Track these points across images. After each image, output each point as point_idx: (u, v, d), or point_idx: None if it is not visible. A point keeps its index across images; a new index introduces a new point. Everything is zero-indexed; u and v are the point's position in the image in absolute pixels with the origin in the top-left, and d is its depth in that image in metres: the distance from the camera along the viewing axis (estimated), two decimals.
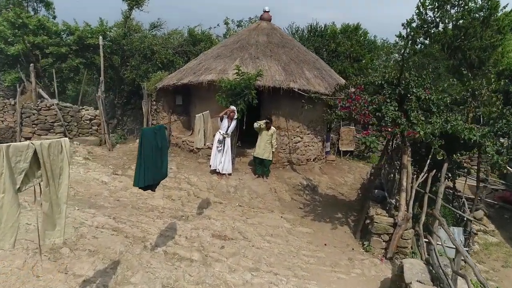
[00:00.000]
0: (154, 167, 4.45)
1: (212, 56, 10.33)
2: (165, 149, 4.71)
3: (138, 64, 13.83)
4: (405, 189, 6.30)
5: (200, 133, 5.90)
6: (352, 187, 10.62)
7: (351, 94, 6.37)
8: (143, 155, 4.26)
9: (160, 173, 4.63)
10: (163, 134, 4.63)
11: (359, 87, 6.42)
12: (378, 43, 18.87)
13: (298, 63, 10.02)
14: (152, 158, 4.39)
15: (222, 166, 8.78)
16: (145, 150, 4.28)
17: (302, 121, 10.12)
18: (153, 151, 4.40)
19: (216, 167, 8.76)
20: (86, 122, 11.04)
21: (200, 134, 5.90)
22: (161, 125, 4.65)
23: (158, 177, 4.62)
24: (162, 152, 4.63)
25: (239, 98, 8.38)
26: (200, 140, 5.94)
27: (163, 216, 6.69)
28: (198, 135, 5.87)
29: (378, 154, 14.77)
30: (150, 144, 4.34)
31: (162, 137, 4.60)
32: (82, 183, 7.58)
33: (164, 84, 10.60)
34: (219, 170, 8.79)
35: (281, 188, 9.10)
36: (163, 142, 4.64)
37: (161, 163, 4.63)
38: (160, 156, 4.59)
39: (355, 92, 6.32)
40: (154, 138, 4.41)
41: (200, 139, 5.94)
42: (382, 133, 5.61)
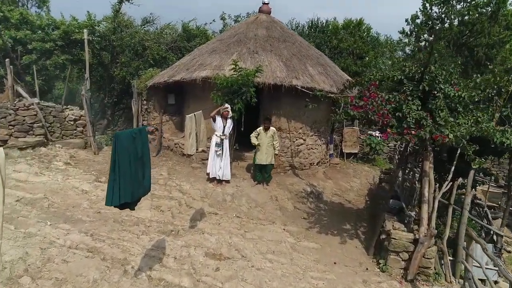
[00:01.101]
0: (134, 180, 3.60)
1: (207, 51, 9.49)
2: (147, 157, 3.86)
3: (128, 61, 12.96)
4: (427, 200, 5.49)
5: (191, 137, 5.03)
6: (358, 193, 9.81)
7: (364, 91, 5.54)
8: (118, 166, 3.41)
9: (141, 188, 3.78)
10: (144, 138, 3.78)
11: (373, 84, 5.59)
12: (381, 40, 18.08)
13: (300, 59, 9.19)
14: (131, 169, 3.54)
15: (222, 172, 7.95)
16: (121, 159, 3.43)
17: (305, 121, 9.30)
18: (132, 161, 3.55)
19: (216, 174, 7.92)
20: (70, 123, 10.14)
21: (191, 138, 5.03)
22: (141, 127, 3.80)
23: (139, 193, 3.77)
24: (143, 161, 3.78)
25: (237, 96, 7.54)
26: (192, 145, 5.05)
27: (149, 232, 5.84)
28: (189, 140, 4.99)
29: (383, 156, 14.04)
30: (127, 152, 3.49)
31: (143, 142, 3.75)
32: (58, 192, 6.70)
33: (155, 82, 9.74)
34: (219, 176, 7.95)
35: (282, 196, 8.27)
36: (145, 148, 3.79)
37: (142, 175, 3.78)
38: (141, 166, 3.74)
39: (369, 89, 5.49)
40: (132, 144, 3.56)
41: (192, 144, 5.05)
42: (404, 137, 4.78)
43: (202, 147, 5.59)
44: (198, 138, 5.30)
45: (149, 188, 3.95)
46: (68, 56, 12.75)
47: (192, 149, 5.05)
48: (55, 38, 12.52)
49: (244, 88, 7.46)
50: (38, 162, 8.00)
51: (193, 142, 5.08)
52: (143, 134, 3.76)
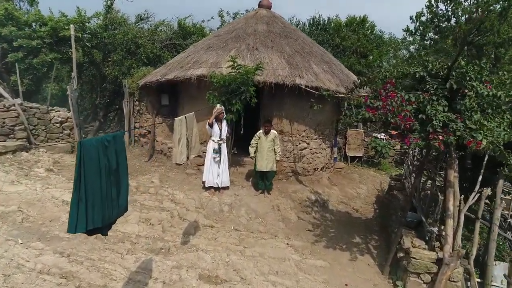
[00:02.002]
0: (105, 200, 2.90)
1: (202, 48, 8.80)
2: (124, 170, 3.16)
3: (120, 60, 12.23)
4: (452, 215, 4.81)
5: (181, 143, 4.31)
6: (366, 200, 9.12)
7: (380, 90, 4.85)
8: (85, 183, 2.71)
9: (115, 208, 3.07)
10: (120, 146, 3.08)
11: (389, 81, 4.90)
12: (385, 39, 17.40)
13: (304, 56, 8.51)
14: (101, 186, 2.84)
15: (221, 179, 7.26)
16: (89, 174, 2.73)
17: (309, 124, 8.62)
18: (103, 175, 2.85)
19: (213, 182, 7.22)
20: (56, 125, 9.45)
21: (181, 145, 4.31)
22: (116, 133, 3.09)
23: (112, 215, 3.06)
24: (119, 175, 3.08)
25: (235, 96, 6.86)
26: (181, 153, 4.33)
27: (135, 250, 5.14)
28: (178, 146, 4.27)
29: (389, 160, 13.35)
30: (97, 165, 2.79)
31: (118, 152, 3.05)
32: (35, 204, 5.98)
33: (146, 81, 9.04)
34: (217, 184, 7.26)
35: (285, 205, 7.57)
36: (120, 159, 3.09)
37: (117, 193, 3.08)
38: (116, 181, 3.04)
39: (386, 88, 4.80)
40: (104, 154, 2.86)
41: (181, 151, 4.33)
42: (430, 142, 4.10)
43: (194, 154, 4.87)
44: (190, 144, 4.59)
45: (125, 207, 3.25)
46: (57, 55, 12.01)
47: (181, 158, 4.33)
48: (42, 35, 11.78)
49: (243, 87, 6.78)
50: (16, 169, 7.29)
51: (183, 149, 4.37)
52: (118, 142, 3.06)
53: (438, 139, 4.04)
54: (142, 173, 8.20)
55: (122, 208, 3.19)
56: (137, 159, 9.29)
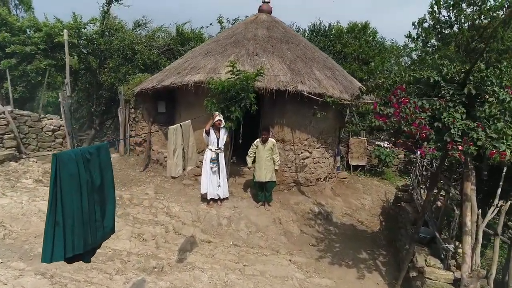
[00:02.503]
0: (88, 222, 2.52)
1: (200, 53, 8.48)
2: (110, 186, 2.78)
3: (117, 66, 11.91)
4: (470, 231, 4.42)
5: (176, 155, 3.93)
6: (371, 212, 8.73)
7: (390, 96, 4.50)
8: (62, 203, 2.34)
9: (99, 231, 2.69)
10: (105, 159, 2.71)
11: (400, 87, 4.56)
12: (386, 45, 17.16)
13: (306, 61, 8.20)
14: (82, 206, 2.46)
15: (222, 190, 6.91)
16: (66, 193, 2.36)
17: (311, 132, 8.26)
18: (85, 194, 2.47)
19: (215, 194, 6.86)
20: (48, 133, 9.09)
21: (176, 156, 3.93)
22: (100, 144, 2.73)
23: (96, 239, 2.67)
24: (103, 192, 2.71)
25: (234, 103, 6.51)
26: (177, 165, 3.94)
27: (126, 269, 4.73)
28: (174, 158, 3.89)
29: (392, 169, 12.96)
30: (76, 181, 2.42)
31: (102, 166, 2.68)
32: (19, 218, 5.58)
33: (142, 88, 8.70)
34: (219, 196, 6.89)
35: (287, 218, 7.18)
36: (106, 173, 2.72)
37: (102, 213, 2.69)
38: (100, 200, 2.66)
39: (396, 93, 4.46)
40: (85, 168, 2.49)
41: (177, 163, 3.95)
42: (448, 153, 3.74)
43: (191, 166, 4.50)
44: (186, 155, 4.22)
45: (111, 229, 2.86)
46: (52, 61, 11.70)
47: (177, 170, 3.95)
48: (37, 41, 11.48)
49: (243, 94, 6.44)
50: (3, 180, 6.90)
51: (178, 161, 3.99)
52: (103, 154, 2.69)
53: (458, 149, 3.68)
54: (137, 184, 7.81)
55: (107, 230, 2.80)
56: (132, 168, 8.91)
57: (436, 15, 16.43)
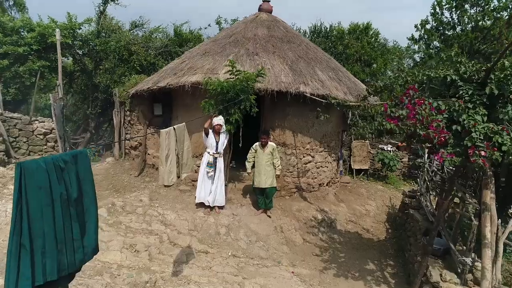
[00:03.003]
0: (62, 242, 2.15)
1: (198, 53, 8.14)
2: (91, 199, 2.42)
3: (112, 67, 11.57)
4: (490, 243, 4.06)
5: (169, 161, 3.56)
6: (376, 218, 8.36)
7: (402, 97, 4.15)
8: (28, 221, 1.98)
9: (79, 252, 2.31)
10: (84, 168, 2.35)
11: (411, 87, 4.21)
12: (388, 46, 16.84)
13: (308, 62, 7.86)
14: (55, 224, 2.10)
15: (213, 197, 6.52)
16: (34, 209, 2.00)
17: (314, 135, 7.91)
18: (58, 209, 2.11)
19: (205, 200, 6.49)
20: (39, 137, 8.73)
21: (169, 163, 3.56)
22: (77, 150, 2.36)
23: (74, 262, 2.29)
24: (83, 206, 2.35)
25: (233, 105, 6.16)
26: (170, 172, 3.56)
27: (116, 285, 4.35)
28: (166, 165, 3.51)
29: (396, 173, 12.60)
30: (47, 195, 2.06)
31: (82, 175, 2.33)
32: (2, 228, 5.21)
33: (137, 89, 8.35)
34: (209, 202, 6.51)
35: (289, 226, 6.82)
36: (86, 184, 2.37)
37: (80, 231, 2.33)
38: (78, 215, 2.30)
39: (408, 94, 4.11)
40: (59, 179, 2.13)
41: (170, 170, 3.56)
42: (470, 159, 3.38)
43: (186, 173, 4.13)
44: (180, 161, 3.85)
45: (94, 249, 2.49)
46: (45, 62, 11.36)
47: (170, 178, 3.58)
48: (30, 41, 11.15)
49: (243, 95, 6.09)
50: None
51: (172, 168, 3.62)
52: (81, 162, 2.32)
53: (480, 155, 3.32)
54: (131, 190, 7.43)
55: (89, 250, 2.44)
56: (127, 173, 8.53)
57: (439, 17, 16.15)
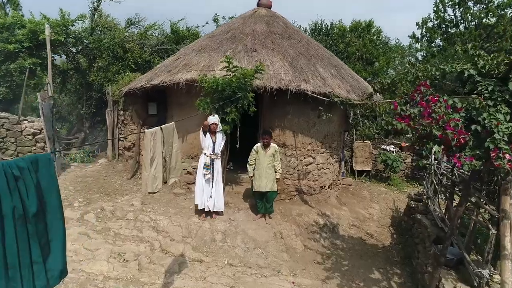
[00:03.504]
0: (15, 266, 1.78)
1: (194, 50, 7.78)
2: (56, 213, 2.05)
3: (106, 65, 11.19)
4: (510, 255, 3.69)
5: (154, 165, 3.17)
6: (380, 222, 7.99)
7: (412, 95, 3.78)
8: None
9: (41, 276, 1.94)
10: (46, 176, 1.98)
11: (423, 83, 3.84)
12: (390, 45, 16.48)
13: (309, 59, 7.50)
14: (6, 244, 1.73)
15: (213, 202, 6.15)
16: None
17: (315, 135, 7.54)
18: (9, 225, 1.75)
19: (205, 205, 6.12)
20: (28, 137, 8.35)
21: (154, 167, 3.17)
22: (37, 156, 1.98)
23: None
24: (46, 222, 1.97)
25: (230, 103, 5.79)
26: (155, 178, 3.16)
27: None
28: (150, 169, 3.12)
29: (399, 174, 12.23)
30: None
31: (44, 185, 1.95)
32: None
33: (130, 88, 7.98)
34: (210, 208, 6.14)
35: (289, 231, 6.45)
36: (49, 196, 1.99)
37: (42, 252, 1.95)
38: (39, 233, 1.93)
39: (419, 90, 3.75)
40: (12, 190, 1.76)
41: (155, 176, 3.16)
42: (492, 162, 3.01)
43: (175, 178, 3.74)
44: (168, 164, 3.47)
45: (62, 271, 2.11)
46: (37, 60, 10.96)
47: (155, 185, 3.19)
48: (21, 38, 10.75)
49: (240, 93, 5.72)
50: None
51: (157, 173, 3.24)
52: (43, 169, 1.95)
53: (504, 159, 2.95)
54: (122, 193, 7.05)
55: (55, 273, 2.05)
56: (119, 175, 8.15)
57: (441, 14, 15.81)
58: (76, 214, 5.75)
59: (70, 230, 5.26)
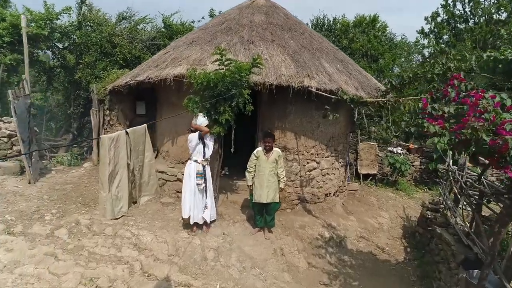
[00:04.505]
0: None
1: (184, 43, 7.02)
2: None
3: (94, 62, 10.42)
4: None
5: (116, 182, 2.39)
6: (391, 233, 7.25)
7: (445, 90, 3.04)
8: None
9: None
10: None
11: (457, 75, 3.10)
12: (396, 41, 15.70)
13: (313, 52, 6.75)
14: None
15: (209, 212, 5.40)
16: None
17: (319, 137, 6.79)
18: None
19: (199, 218, 5.37)
20: (3, 140, 7.60)
21: (115, 185, 2.39)
22: None
23: None
24: None
25: (223, 102, 5.04)
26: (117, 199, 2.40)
27: None
28: (110, 188, 2.35)
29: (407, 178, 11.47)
30: None
31: None
32: None
33: (115, 85, 7.22)
34: (206, 219, 5.40)
35: (291, 247, 5.69)
36: None
37: None
38: None
39: (452, 84, 3.01)
40: None
41: (118, 196, 2.40)
42: None
43: (148, 195, 2.97)
44: (138, 179, 2.70)
45: None
46: (18, 56, 10.20)
47: (118, 208, 2.40)
48: (1, 33, 10.00)
49: (235, 90, 4.96)
50: None
51: (121, 191, 2.43)
52: None
53: None
54: None
55: None
56: None
57: (450, 9, 15.09)
58: (45, 230, 4.98)
59: (35, 250, 4.51)
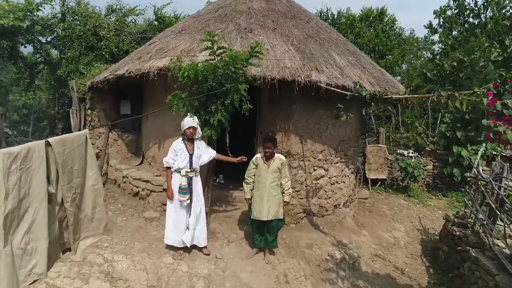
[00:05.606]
0: None
1: (173, 32, 6.12)
2: None
3: (78, 56, 9.53)
4: None
5: (19, 228, 1.42)
6: (409, 250, 6.35)
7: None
8: None
9: None
10: None
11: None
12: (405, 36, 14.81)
13: (321, 43, 5.85)
14: None
15: (191, 234, 4.44)
16: None
17: (328, 141, 5.89)
18: None
19: (178, 241, 4.43)
20: None
21: (18, 233, 1.46)
22: None
23: None
24: None
25: (215, 99, 4.13)
26: (24, 253, 1.57)
27: None
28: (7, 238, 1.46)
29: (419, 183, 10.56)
30: None
31: None
32: None
33: (93, 81, 6.32)
34: (186, 243, 4.44)
35: (296, 272, 4.78)
36: None
37: None
38: None
39: None
40: None
41: (25, 250, 1.57)
42: None
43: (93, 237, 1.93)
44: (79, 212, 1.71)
45: None
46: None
47: (27, 268, 1.22)
48: None
49: (229, 84, 4.06)
50: None
51: (33, 242, 1.31)
52: None
53: None
54: None
55: None
56: None
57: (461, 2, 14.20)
58: None
59: None
